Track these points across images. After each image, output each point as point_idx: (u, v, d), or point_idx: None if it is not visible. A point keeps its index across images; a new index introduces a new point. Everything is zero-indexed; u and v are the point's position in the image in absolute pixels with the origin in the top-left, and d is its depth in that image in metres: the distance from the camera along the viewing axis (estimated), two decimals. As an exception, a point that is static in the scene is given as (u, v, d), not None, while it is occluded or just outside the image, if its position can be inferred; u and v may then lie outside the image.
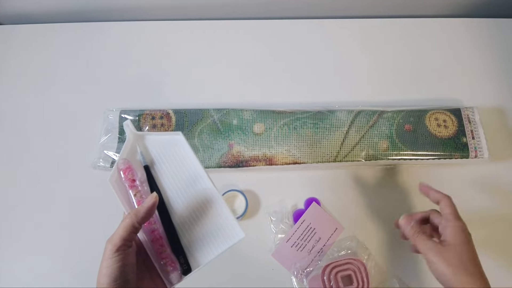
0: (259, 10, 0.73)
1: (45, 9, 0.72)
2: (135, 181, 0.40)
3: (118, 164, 0.40)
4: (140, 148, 0.41)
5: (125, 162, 0.40)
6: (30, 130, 0.62)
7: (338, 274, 0.49)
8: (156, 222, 0.40)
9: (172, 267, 0.39)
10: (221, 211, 0.40)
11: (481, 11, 0.73)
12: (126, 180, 0.40)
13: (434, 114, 0.58)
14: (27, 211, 0.57)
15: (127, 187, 0.41)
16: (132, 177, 0.40)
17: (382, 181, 0.57)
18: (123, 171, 0.40)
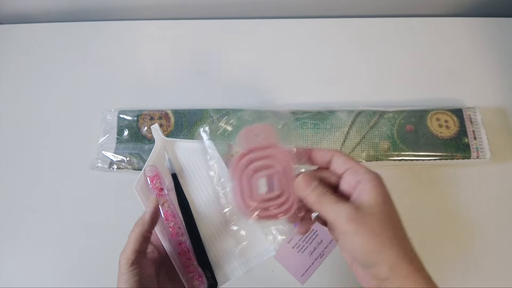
0: (259, 10, 0.72)
1: (44, 8, 0.72)
2: (163, 190, 0.39)
3: (146, 171, 0.39)
4: (169, 155, 0.40)
5: (153, 169, 0.39)
6: (28, 130, 0.62)
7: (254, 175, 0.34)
8: (184, 234, 0.39)
9: (199, 281, 0.38)
10: (251, 226, 0.38)
11: (483, 10, 0.73)
12: (154, 189, 0.39)
13: (436, 115, 0.58)
14: (25, 211, 0.57)
15: (155, 196, 0.39)
16: (160, 186, 0.39)
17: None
18: (150, 178, 0.39)
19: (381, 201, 0.31)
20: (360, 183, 0.31)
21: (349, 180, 0.33)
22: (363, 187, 0.31)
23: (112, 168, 0.57)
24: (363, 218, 0.30)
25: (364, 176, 0.32)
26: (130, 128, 0.59)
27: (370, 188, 0.31)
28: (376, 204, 0.30)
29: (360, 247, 0.30)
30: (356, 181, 0.32)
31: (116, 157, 0.57)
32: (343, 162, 0.33)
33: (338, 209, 0.31)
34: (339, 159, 0.33)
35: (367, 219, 0.30)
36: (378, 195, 0.31)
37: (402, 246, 0.30)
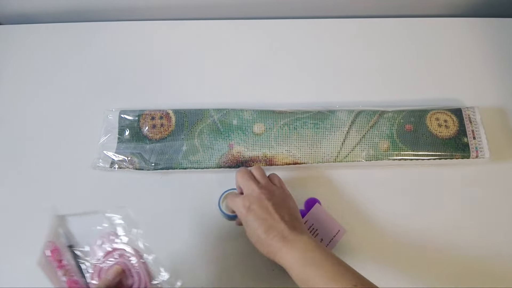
0: (259, 10, 0.73)
1: (45, 9, 0.72)
2: (62, 261, 0.41)
3: (44, 247, 0.41)
4: (64, 229, 0.43)
5: (50, 244, 0.42)
6: (29, 130, 0.62)
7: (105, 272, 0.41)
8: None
9: None
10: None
11: (483, 11, 0.73)
12: (55, 261, 0.41)
13: (435, 114, 0.58)
14: (26, 211, 0.57)
15: (55, 267, 0.41)
16: (59, 258, 0.41)
17: (383, 181, 0.57)
18: (50, 252, 0.42)
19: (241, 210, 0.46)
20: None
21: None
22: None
23: (113, 168, 0.57)
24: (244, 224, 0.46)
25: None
26: (131, 128, 0.59)
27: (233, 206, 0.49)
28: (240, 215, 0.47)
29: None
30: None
31: (117, 156, 0.57)
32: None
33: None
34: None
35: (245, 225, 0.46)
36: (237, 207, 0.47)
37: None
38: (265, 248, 0.44)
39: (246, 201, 0.46)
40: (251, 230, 0.45)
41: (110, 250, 0.42)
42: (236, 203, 0.47)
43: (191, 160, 0.57)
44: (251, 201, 0.45)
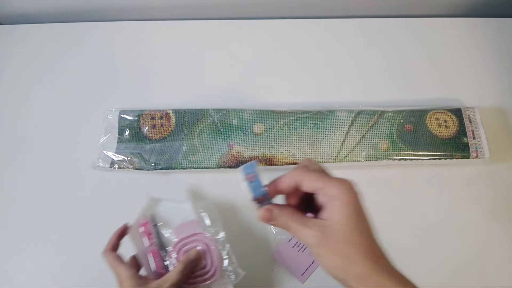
0: (259, 10, 0.73)
1: (44, 9, 0.72)
2: (151, 234, 0.48)
3: (138, 219, 0.49)
4: (153, 210, 0.51)
5: (144, 218, 0.49)
6: (29, 130, 0.62)
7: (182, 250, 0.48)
8: (163, 268, 0.47)
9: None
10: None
11: (483, 11, 0.73)
12: (145, 233, 0.48)
13: (435, 114, 0.58)
14: (26, 211, 0.57)
15: (145, 239, 0.48)
16: (149, 231, 0.48)
17: (383, 181, 0.57)
18: (143, 224, 0.49)
19: (345, 220, 0.31)
20: (328, 203, 0.32)
21: (320, 199, 0.33)
22: (330, 207, 0.32)
23: (113, 168, 0.57)
24: (328, 240, 0.31)
25: (332, 195, 0.32)
26: (131, 128, 0.59)
27: (335, 207, 0.32)
28: (339, 224, 0.31)
29: (329, 267, 0.32)
30: (325, 200, 0.32)
31: (117, 156, 0.57)
32: (310, 183, 0.33)
33: (306, 234, 0.32)
34: (306, 181, 0.33)
35: (332, 240, 0.31)
36: (343, 214, 0.31)
37: (369, 259, 0.31)
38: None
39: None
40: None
41: (192, 234, 0.48)
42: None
43: (191, 160, 0.57)
44: None
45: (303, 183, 0.33)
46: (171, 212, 0.50)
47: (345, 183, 0.32)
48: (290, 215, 0.34)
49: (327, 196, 0.32)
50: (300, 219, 0.33)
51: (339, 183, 0.32)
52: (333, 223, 0.31)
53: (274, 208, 0.35)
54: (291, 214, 0.34)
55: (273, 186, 0.35)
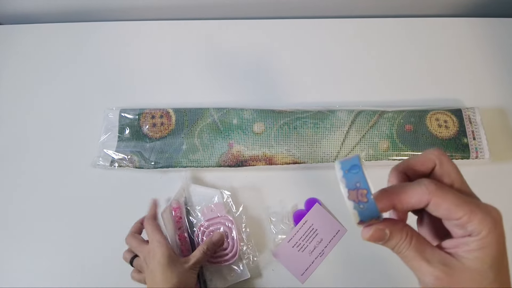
0: (259, 10, 0.73)
1: (44, 9, 0.72)
2: (181, 218, 0.53)
3: (172, 203, 0.53)
4: (186, 194, 0.55)
5: (177, 202, 0.54)
6: (29, 130, 0.62)
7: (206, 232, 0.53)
8: (190, 251, 0.52)
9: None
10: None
11: (483, 11, 0.73)
12: (175, 217, 0.53)
13: (435, 115, 0.58)
14: (26, 210, 0.57)
15: (175, 222, 0.53)
16: (180, 215, 0.53)
17: (383, 181, 0.57)
18: (174, 209, 0.53)
19: (486, 269, 0.24)
20: (464, 239, 0.25)
21: (451, 227, 0.26)
22: (466, 246, 0.24)
23: (113, 166, 0.57)
24: (453, 283, 0.24)
25: (472, 230, 0.24)
26: (131, 127, 0.59)
27: (474, 250, 0.24)
28: (476, 272, 0.24)
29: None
30: (459, 232, 0.25)
31: (117, 155, 0.57)
32: (447, 210, 0.25)
33: (425, 272, 0.25)
34: (443, 206, 0.25)
35: (462, 282, 0.24)
36: (484, 261, 0.24)
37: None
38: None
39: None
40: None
41: (216, 216, 0.53)
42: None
43: (191, 159, 0.57)
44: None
45: (437, 206, 0.25)
46: (200, 196, 0.55)
47: (493, 215, 0.25)
48: (408, 239, 0.26)
49: (463, 229, 0.25)
50: (420, 248, 0.26)
51: (485, 216, 0.25)
52: (468, 269, 0.24)
53: (387, 227, 0.26)
54: (410, 238, 0.26)
55: (389, 203, 0.26)
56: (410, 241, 0.26)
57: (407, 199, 0.26)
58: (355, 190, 0.24)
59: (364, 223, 0.26)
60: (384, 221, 0.27)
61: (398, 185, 0.27)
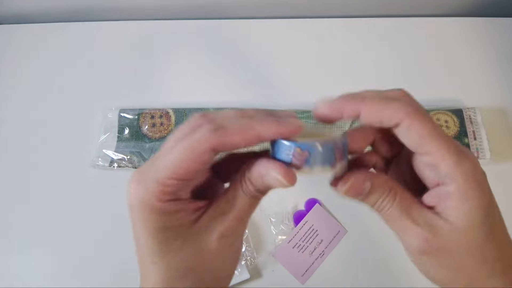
0: (259, 10, 0.72)
1: (44, 9, 0.72)
2: None
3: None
4: None
5: None
6: (29, 129, 0.62)
7: None
8: None
9: None
10: None
11: (484, 10, 0.73)
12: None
13: (436, 115, 0.58)
14: (25, 210, 0.57)
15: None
16: None
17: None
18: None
19: (476, 226, 0.21)
20: (443, 188, 0.21)
21: (428, 174, 0.22)
22: (448, 198, 0.21)
23: (112, 167, 0.57)
24: (445, 250, 0.21)
25: (450, 176, 0.21)
26: (131, 127, 0.59)
27: (458, 201, 0.21)
28: (465, 231, 0.21)
29: (440, 281, 0.23)
30: (439, 180, 0.22)
31: (116, 155, 0.57)
32: (418, 138, 0.21)
33: (412, 234, 0.22)
34: (412, 131, 0.21)
35: (450, 252, 0.21)
36: (473, 218, 0.21)
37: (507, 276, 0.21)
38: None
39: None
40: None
41: None
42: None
43: (190, 159, 0.56)
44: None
45: (408, 129, 0.21)
46: None
47: (471, 159, 0.21)
48: (392, 194, 0.22)
49: (436, 171, 0.21)
50: (406, 205, 0.22)
51: (463, 159, 0.20)
52: (457, 229, 0.21)
53: (368, 178, 0.23)
54: (394, 193, 0.22)
55: (355, 105, 0.22)
56: (394, 196, 0.23)
57: (376, 107, 0.22)
58: (294, 153, 0.22)
59: (339, 180, 0.24)
60: (365, 172, 0.23)
61: (370, 91, 0.23)
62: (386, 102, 0.22)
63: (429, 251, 0.22)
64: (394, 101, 0.22)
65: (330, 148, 0.23)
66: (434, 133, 0.21)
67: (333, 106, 0.23)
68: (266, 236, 0.54)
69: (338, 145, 0.24)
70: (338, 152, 0.24)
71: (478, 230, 0.21)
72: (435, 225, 0.22)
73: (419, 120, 0.21)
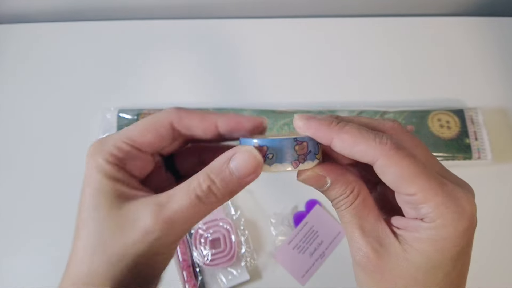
0: (259, 9, 0.72)
1: (43, 8, 0.71)
2: None
3: None
4: None
5: None
6: (27, 129, 0.62)
7: (207, 240, 0.51)
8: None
9: None
10: None
11: (486, 10, 0.72)
12: None
13: (437, 115, 0.58)
14: (23, 211, 0.56)
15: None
16: None
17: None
18: None
19: (429, 267, 0.19)
20: (418, 222, 0.20)
21: (407, 210, 0.21)
22: (419, 231, 0.20)
23: (111, 167, 0.56)
24: (379, 272, 0.20)
25: (429, 218, 0.19)
26: (129, 127, 0.59)
27: (427, 243, 0.19)
28: (416, 268, 0.19)
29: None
30: (415, 214, 0.20)
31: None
32: (395, 178, 0.20)
33: (357, 246, 0.21)
34: (388, 172, 0.20)
35: (383, 277, 0.20)
36: (432, 258, 0.19)
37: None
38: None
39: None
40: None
41: (215, 219, 0.52)
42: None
43: (190, 160, 0.56)
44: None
45: (385, 169, 0.20)
46: None
47: (461, 203, 0.21)
48: (351, 197, 0.21)
49: (416, 210, 0.20)
50: (361, 213, 0.21)
51: (449, 201, 0.20)
52: (406, 259, 0.20)
53: (330, 174, 0.22)
54: (354, 196, 0.21)
55: (328, 135, 0.21)
56: (353, 200, 0.22)
57: (349, 141, 0.20)
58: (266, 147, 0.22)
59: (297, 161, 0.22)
60: (331, 167, 0.22)
61: (359, 118, 0.22)
62: (362, 136, 0.20)
63: (365, 267, 0.21)
64: (372, 136, 0.20)
65: (290, 144, 0.22)
66: (415, 173, 0.19)
67: (307, 125, 0.21)
68: (266, 237, 0.53)
69: (301, 141, 0.22)
70: (301, 149, 0.22)
71: (429, 273, 0.20)
72: (386, 245, 0.21)
73: (397, 160, 0.19)
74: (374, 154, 0.20)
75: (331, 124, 0.21)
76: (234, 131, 0.24)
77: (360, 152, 0.20)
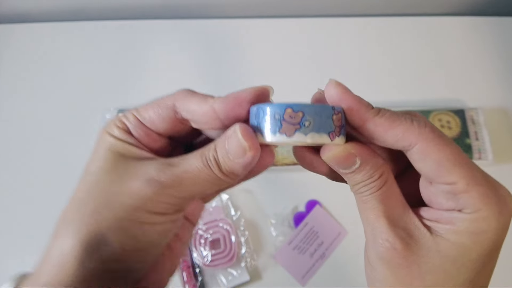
0: (259, 9, 0.72)
1: (44, 8, 0.71)
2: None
3: None
4: None
5: None
6: (26, 130, 0.62)
7: (207, 240, 0.51)
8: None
9: None
10: None
11: (486, 9, 0.72)
12: None
13: (438, 115, 0.58)
14: (23, 213, 0.56)
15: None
16: None
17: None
18: None
19: (466, 259, 0.18)
20: (455, 214, 0.18)
21: (441, 202, 0.19)
22: (456, 224, 0.18)
23: (111, 168, 0.56)
24: (405, 266, 0.18)
25: (471, 205, 0.18)
26: (129, 127, 0.58)
27: (466, 230, 0.18)
28: (452, 261, 0.17)
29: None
30: (451, 205, 0.18)
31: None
32: (435, 166, 0.18)
33: (376, 228, 0.19)
34: (427, 157, 0.18)
35: (409, 271, 0.18)
36: (473, 247, 0.18)
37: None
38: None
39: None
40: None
41: (214, 220, 0.52)
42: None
43: (190, 160, 0.56)
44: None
45: (424, 155, 0.18)
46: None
47: (502, 194, 0.19)
48: (379, 181, 0.19)
49: (454, 200, 0.18)
50: (389, 201, 0.19)
51: (492, 192, 0.19)
52: (440, 253, 0.18)
53: (360, 154, 0.19)
54: (382, 181, 0.19)
55: (359, 118, 0.19)
56: (381, 185, 0.19)
57: (385, 125, 0.18)
58: (284, 115, 0.19)
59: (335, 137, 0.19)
60: (361, 146, 0.19)
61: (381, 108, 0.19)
62: (399, 119, 0.18)
63: (390, 261, 0.18)
64: (409, 119, 0.18)
65: (329, 112, 0.19)
66: (457, 161, 0.18)
67: (344, 96, 0.20)
68: (266, 237, 0.53)
69: (338, 112, 0.20)
70: (337, 120, 0.19)
71: (464, 268, 0.18)
72: (416, 236, 0.18)
73: (438, 145, 0.18)
74: (413, 138, 0.18)
75: (368, 106, 0.19)
76: (236, 109, 0.22)
77: (395, 136, 0.18)
